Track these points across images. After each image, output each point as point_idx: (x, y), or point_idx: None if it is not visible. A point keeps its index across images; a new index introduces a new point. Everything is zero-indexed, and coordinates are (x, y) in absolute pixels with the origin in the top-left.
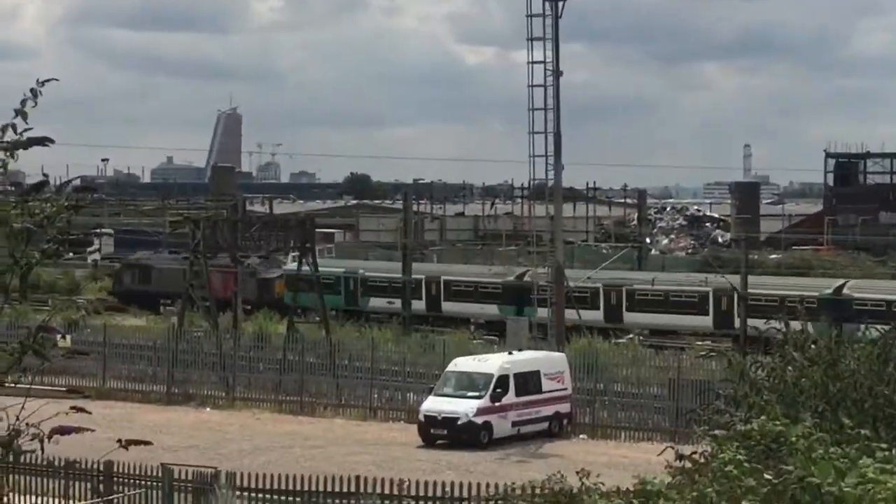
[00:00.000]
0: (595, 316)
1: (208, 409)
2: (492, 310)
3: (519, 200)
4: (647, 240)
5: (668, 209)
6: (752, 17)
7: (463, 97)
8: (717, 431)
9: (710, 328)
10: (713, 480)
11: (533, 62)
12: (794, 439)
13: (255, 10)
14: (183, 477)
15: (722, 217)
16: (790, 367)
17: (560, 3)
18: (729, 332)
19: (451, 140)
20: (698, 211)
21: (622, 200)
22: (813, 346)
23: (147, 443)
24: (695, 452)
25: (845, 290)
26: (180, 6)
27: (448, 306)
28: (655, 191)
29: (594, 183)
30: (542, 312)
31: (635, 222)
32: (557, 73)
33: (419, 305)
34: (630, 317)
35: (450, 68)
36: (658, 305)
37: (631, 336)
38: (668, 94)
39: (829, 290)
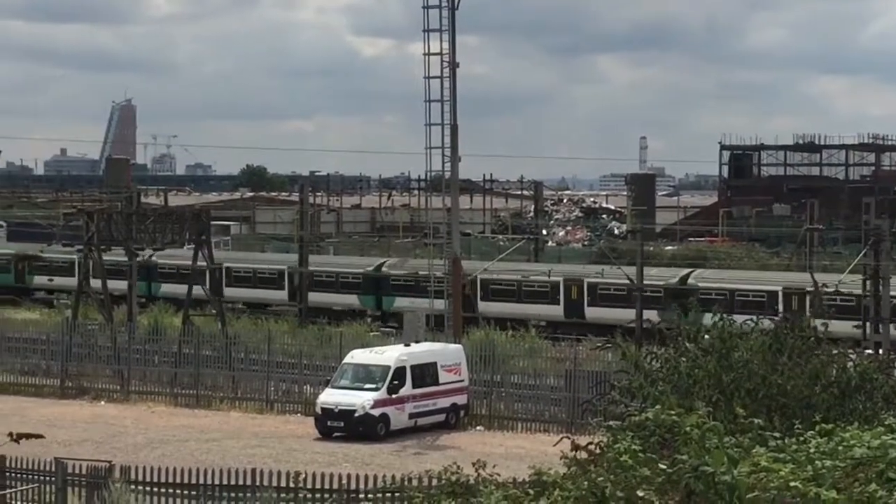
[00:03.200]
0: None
1: (103, 402)
2: (352, 300)
3: (416, 192)
4: (544, 231)
5: (564, 201)
6: (646, 9)
7: (360, 89)
8: (612, 422)
9: (560, 318)
10: (608, 471)
11: (429, 54)
12: (688, 429)
13: (151, 2)
14: (77, 471)
15: (618, 209)
16: (684, 358)
17: None
18: (579, 321)
19: (347, 132)
20: (594, 203)
21: (519, 192)
22: (706, 337)
23: (40, 436)
24: (591, 443)
25: (690, 280)
26: None
27: (314, 296)
28: (552, 183)
29: (491, 175)
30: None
31: (532, 214)
32: (454, 65)
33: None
34: (483, 305)
35: (346, 60)
36: (510, 295)
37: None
38: (564, 87)
39: (675, 280)
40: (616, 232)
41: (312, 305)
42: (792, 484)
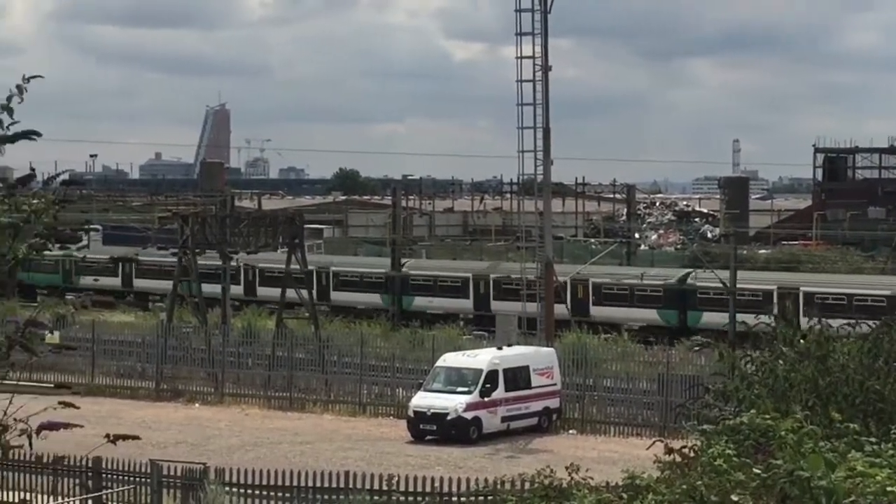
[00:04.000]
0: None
1: (197, 405)
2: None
3: (508, 196)
4: (636, 235)
5: (657, 204)
6: (739, 12)
7: (452, 93)
8: (706, 426)
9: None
10: (702, 475)
11: (521, 57)
12: (783, 433)
13: (246, 5)
14: (172, 473)
15: (711, 212)
16: (780, 362)
17: None
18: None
19: (440, 136)
20: (687, 206)
21: (611, 196)
22: (802, 341)
23: (136, 438)
24: (684, 447)
25: (689, 280)
26: (170, 2)
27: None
28: (644, 186)
29: (583, 178)
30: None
31: (624, 218)
32: (546, 69)
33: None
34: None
35: (439, 64)
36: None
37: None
38: (658, 90)
39: (674, 280)
40: (709, 235)
41: (409, 309)
42: (889, 489)
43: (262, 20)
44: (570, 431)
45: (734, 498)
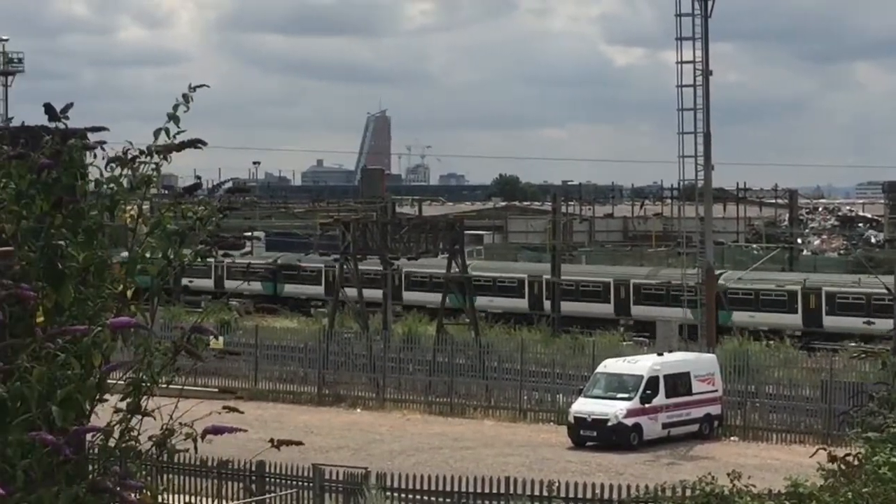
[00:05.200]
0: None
1: (359, 410)
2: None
3: (668, 201)
4: (799, 240)
5: (819, 209)
6: None
7: (612, 98)
8: (870, 434)
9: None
10: (866, 483)
11: (682, 62)
12: None
13: (406, 13)
14: (334, 477)
15: (875, 217)
16: None
17: (709, 3)
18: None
19: (600, 141)
20: (851, 211)
21: (773, 201)
22: None
23: (298, 443)
24: (848, 455)
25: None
26: (331, 11)
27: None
28: (807, 191)
29: (744, 183)
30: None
31: (786, 223)
32: (707, 73)
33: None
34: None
35: (599, 69)
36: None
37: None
38: (820, 94)
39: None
40: (873, 241)
41: (566, 315)
42: None
43: (422, 28)
44: (732, 438)
45: None
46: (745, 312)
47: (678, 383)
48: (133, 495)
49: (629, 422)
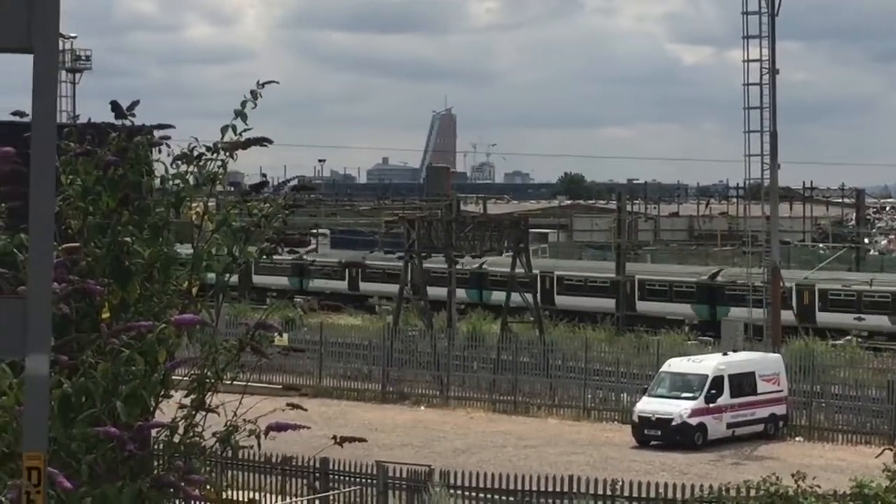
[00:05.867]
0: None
1: (422, 407)
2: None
3: (734, 200)
4: (866, 240)
5: (887, 209)
6: None
7: (678, 96)
8: None
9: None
10: None
11: (748, 60)
12: None
13: (472, 11)
14: (397, 475)
15: None
16: None
17: (776, 1)
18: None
19: (665, 140)
20: None
21: (840, 200)
22: None
23: (362, 440)
24: None
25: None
26: (397, 8)
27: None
28: (874, 190)
29: (811, 182)
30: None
31: (853, 222)
32: (773, 72)
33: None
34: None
35: (665, 67)
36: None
37: (849, 337)
38: (889, 93)
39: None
40: None
41: (640, 313)
42: None
43: (488, 26)
44: (797, 438)
45: None
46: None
47: (743, 383)
48: (196, 490)
49: (694, 421)
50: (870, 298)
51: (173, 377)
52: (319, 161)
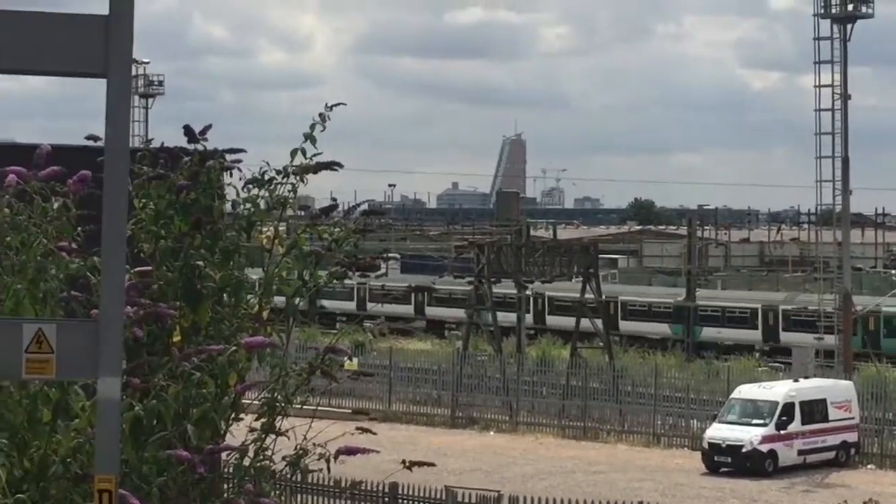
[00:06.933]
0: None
1: (492, 432)
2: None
3: (805, 226)
4: None
5: None
6: None
7: (749, 122)
8: None
9: None
10: None
11: (820, 86)
12: None
13: (542, 37)
14: (466, 500)
15: None
16: None
17: (848, 26)
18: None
19: (736, 165)
20: None
21: None
22: None
23: (431, 465)
24: None
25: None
26: (466, 34)
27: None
28: None
29: (883, 209)
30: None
31: None
32: (845, 97)
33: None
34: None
35: (736, 93)
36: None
37: None
38: None
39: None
40: None
41: (704, 340)
42: None
43: (558, 52)
44: (869, 466)
45: None
46: None
47: (814, 410)
48: None
49: (764, 448)
50: None
51: (243, 400)
52: (389, 186)
